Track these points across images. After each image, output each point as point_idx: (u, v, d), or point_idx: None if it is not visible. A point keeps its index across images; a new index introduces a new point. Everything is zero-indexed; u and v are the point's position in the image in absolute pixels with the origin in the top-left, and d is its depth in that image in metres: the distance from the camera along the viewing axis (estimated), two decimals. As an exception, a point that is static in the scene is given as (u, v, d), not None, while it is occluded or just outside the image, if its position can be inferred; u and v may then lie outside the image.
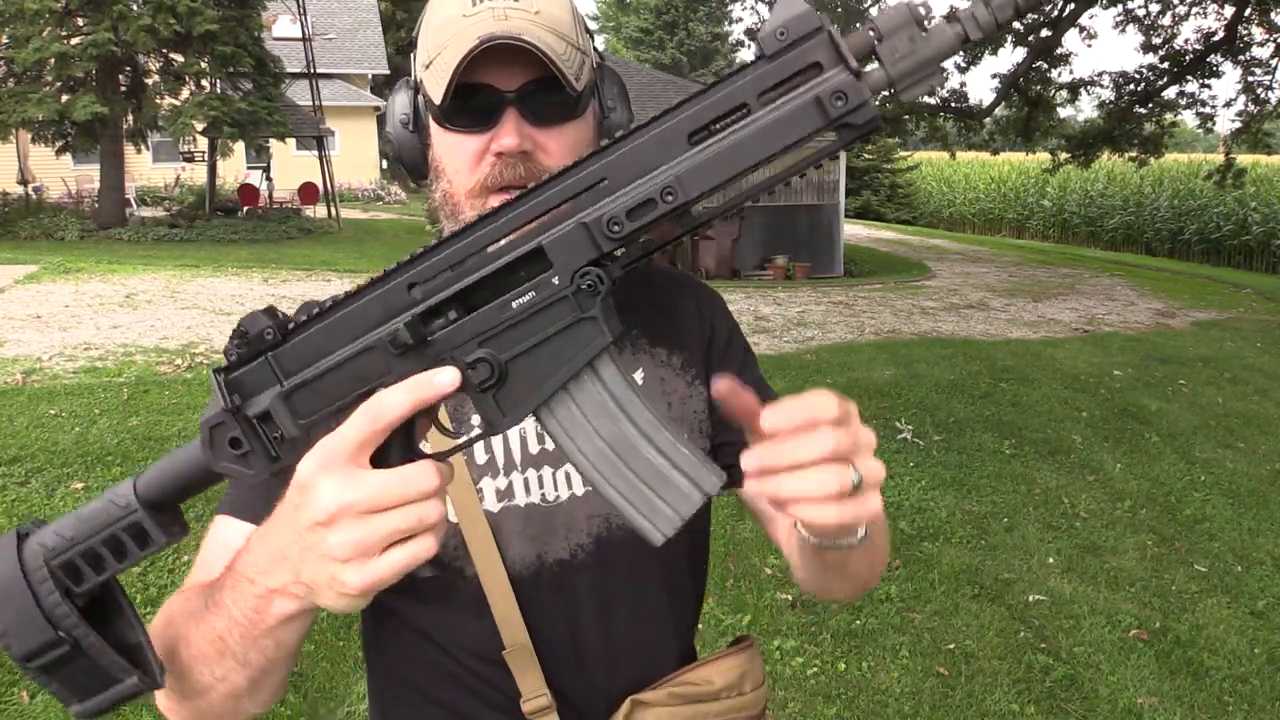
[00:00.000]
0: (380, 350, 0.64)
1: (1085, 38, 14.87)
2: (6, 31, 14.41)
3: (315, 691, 2.98)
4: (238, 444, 0.66)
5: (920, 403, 6.43)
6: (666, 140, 0.59)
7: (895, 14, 0.57)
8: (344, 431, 0.62)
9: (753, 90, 0.58)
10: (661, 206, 0.59)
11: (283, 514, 0.65)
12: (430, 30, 0.88)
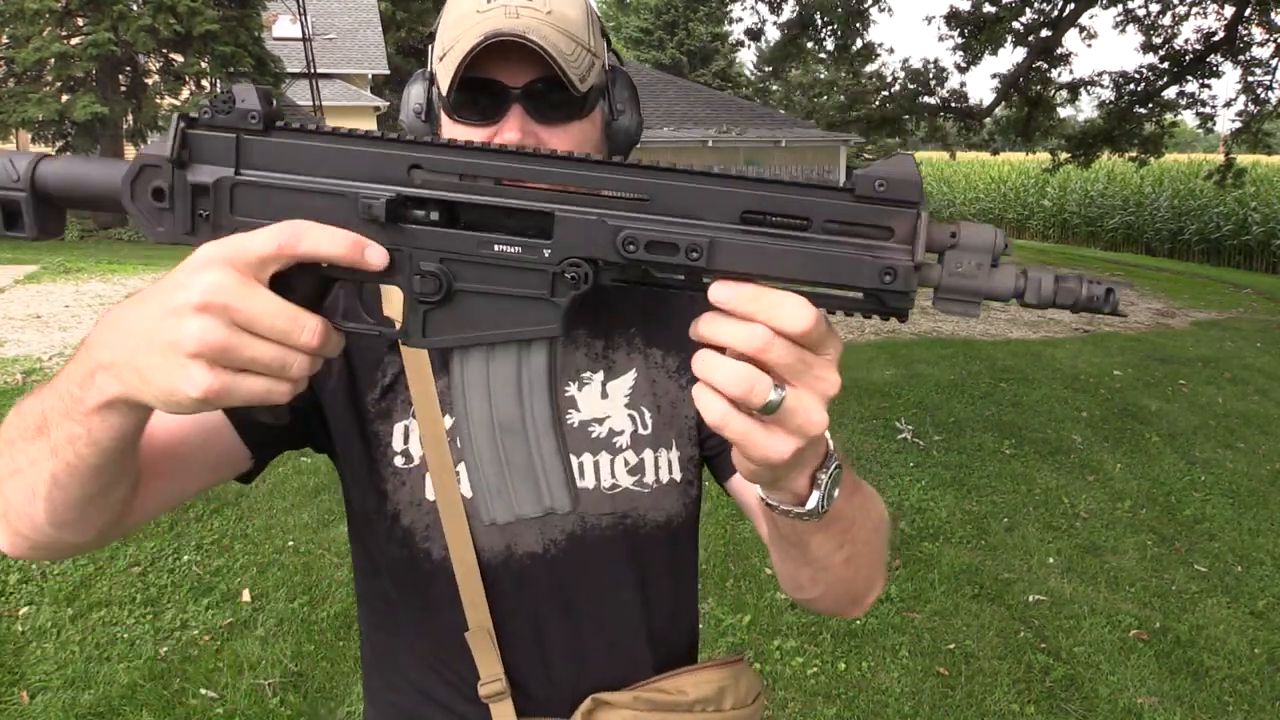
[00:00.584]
0: (348, 204, 0.59)
1: (1085, 38, 14.88)
2: (6, 31, 14.42)
3: (315, 691, 2.98)
4: (161, 195, 0.61)
5: (920, 403, 6.43)
6: (721, 203, 0.56)
7: (981, 235, 0.56)
8: (256, 236, 0.57)
9: (823, 214, 0.56)
10: (680, 259, 0.56)
11: (154, 290, 0.59)
12: (446, 25, 0.89)
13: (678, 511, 0.96)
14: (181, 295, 0.56)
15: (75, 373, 0.64)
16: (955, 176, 29.06)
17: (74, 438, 0.65)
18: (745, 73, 37.06)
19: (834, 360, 0.56)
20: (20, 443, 0.70)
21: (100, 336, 0.62)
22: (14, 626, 3.26)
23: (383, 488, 0.92)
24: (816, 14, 13.50)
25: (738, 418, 0.55)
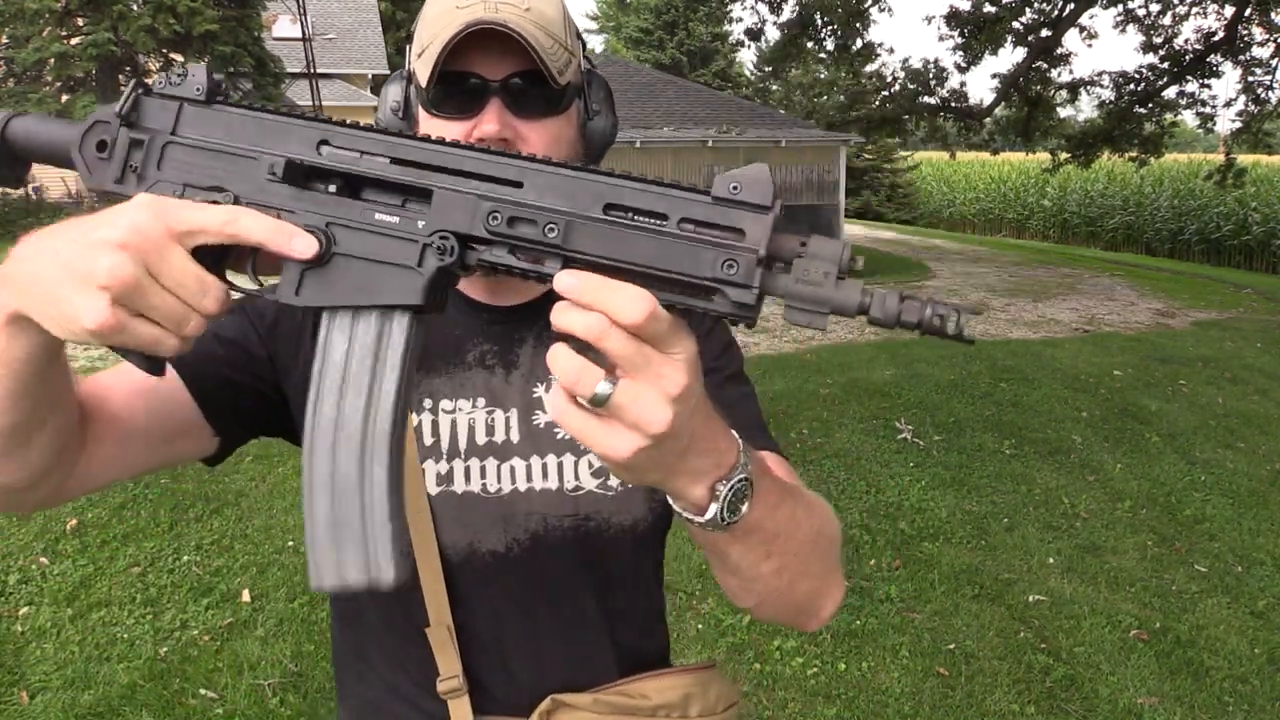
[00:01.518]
0: (259, 165, 0.64)
1: (1085, 38, 14.88)
2: (6, 31, 14.42)
3: (315, 692, 2.98)
4: (103, 147, 0.67)
5: (920, 403, 6.43)
6: (587, 192, 0.59)
7: (829, 247, 0.57)
8: (199, 208, 0.60)
9: (679, 211, 0.57)
10: (539, 234, 0.59)
11: (80, 222, 0.62)
12: (425, 21, 0.90)
13: (643, 516, 0.95)
14: (107, 231, 0.59)
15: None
16: (955, 176, 29.04)
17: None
18: (745, 73, 37.06)
19: (682, 360, 0.55)
20: None
21: (16, 256, 0.63)
22: (14, 626, 3.26)
23: None
24: (816, 14, 13.50)
25: (573, 411, 0.55)
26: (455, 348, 0.96)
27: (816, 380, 7.00)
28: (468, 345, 0.96)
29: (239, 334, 0.92)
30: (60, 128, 0.69)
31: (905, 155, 29.96)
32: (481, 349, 0.96)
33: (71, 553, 3.77)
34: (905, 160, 30.08)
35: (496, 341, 0.96)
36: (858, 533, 4.29)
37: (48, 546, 3.80)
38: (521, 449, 0.94)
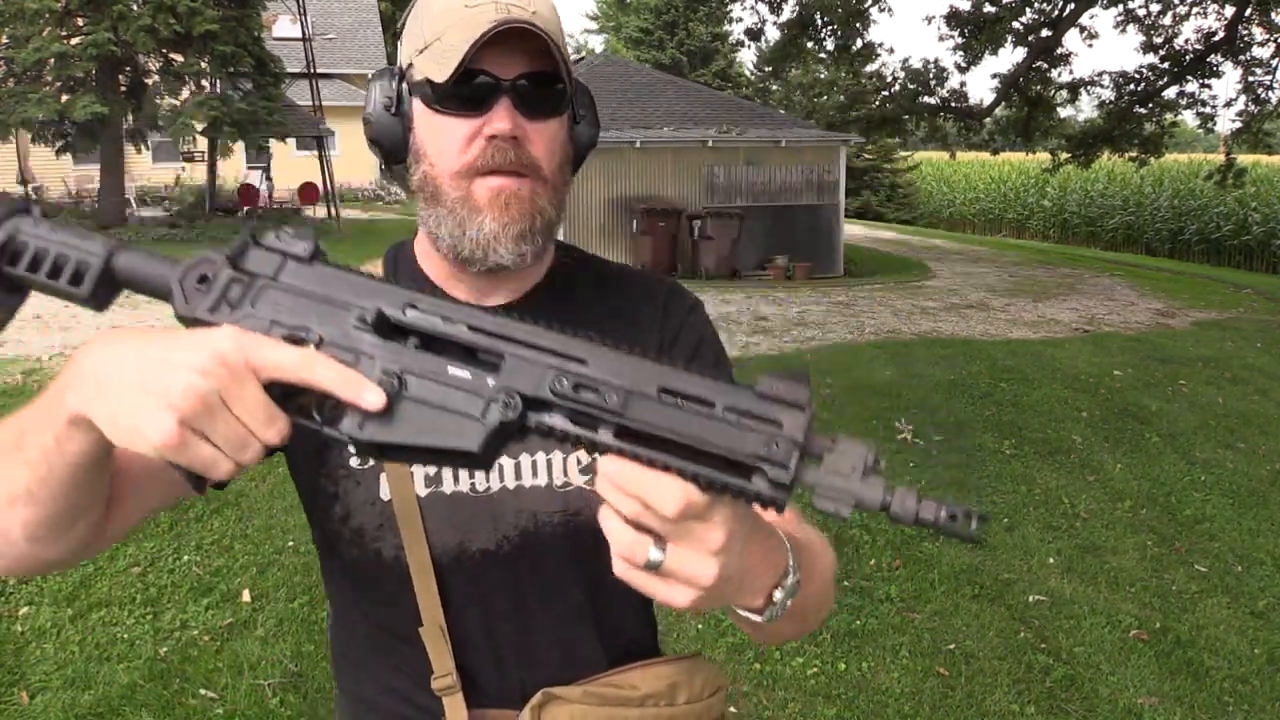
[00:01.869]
0: (349, 314, 0.68)
1: (1085, 38, 14.89)
2: (6, 31, 14.42)
3: (315, 691, 2.98)
4: (204, 280, 0.70)
5: (920, 403, 6.43)
6: (645, 374, 0.65)
7: (856, 449, 0.62)
8: (276, 348, 0.63)
9: (725, 401, 0.63)
10: (600, 401, 0.64)
11: (163, 337, 0.64)
12: (428, 17, 0.90)
13: None
14: (190, 354, 0.61)
15: (55, 388, 0.67)
16: (955, 176, 29.05)
17: (47, 451, 0.68)
18: (745, 73, 37.05)
19: (720, 523, 0.60)
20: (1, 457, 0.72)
21: (89, 358, 0.65)
22: (14, 626, 3.26)
23: (334, 490, 0.94)
24: (816, 14, 13.50)
25: (633, 572, 0.61)
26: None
27: (816, 380, 7.00)
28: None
29: None
30: (163, 266, 0.72)
31: (905, 155, 29.96)
32: None
33: (71, 553, 3.77)
34: (905, 160, 30.08)
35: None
36: (858, 533, 4.29)
37: (48, 546, 3.81)
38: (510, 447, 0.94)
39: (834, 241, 15.39)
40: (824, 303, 11.42)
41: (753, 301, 11.43)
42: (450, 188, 0.90)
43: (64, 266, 0.71)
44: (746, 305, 11.09)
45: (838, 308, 11.03)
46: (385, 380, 0.65)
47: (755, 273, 14.41)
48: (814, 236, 15.10)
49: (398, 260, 1.02)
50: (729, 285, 13.06)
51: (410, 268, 1.01)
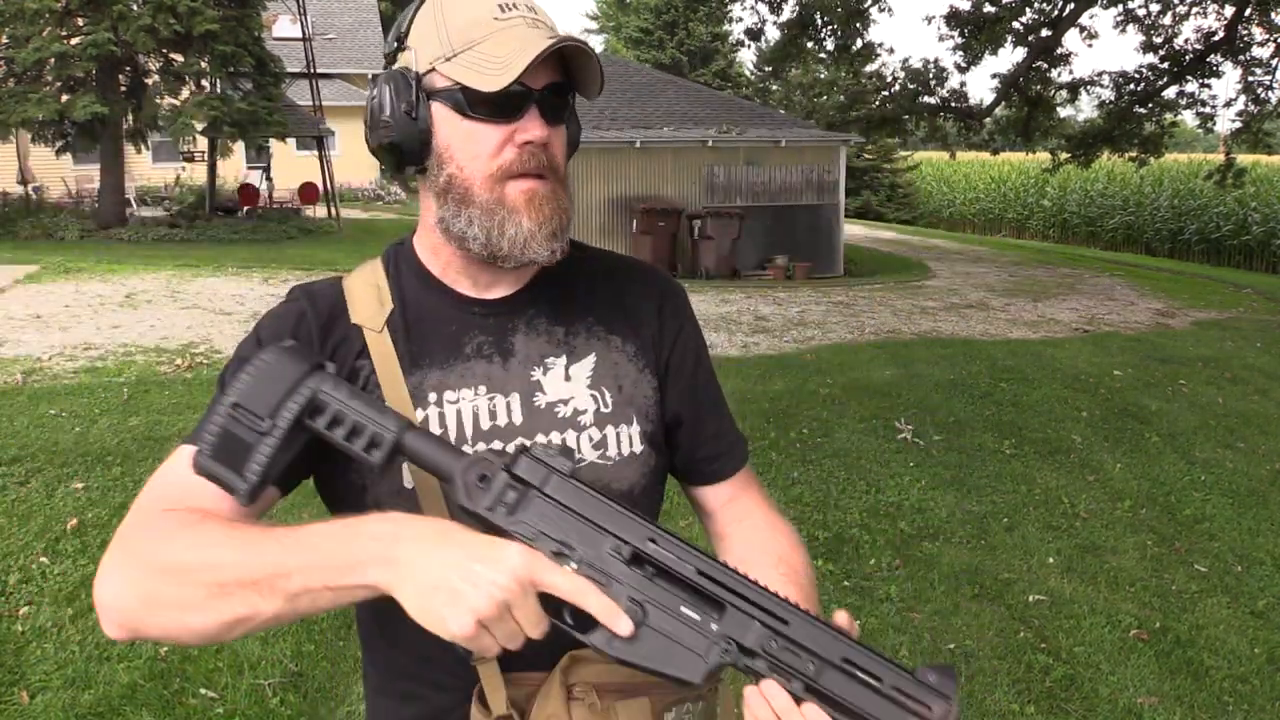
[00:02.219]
0: (605, 540, 0.83)
1: (1085, 38, 14.88)
2: (6, 31, 14.41)
3: (315, 691, 2.98)
4: (484, 479, 0.84)
5: (920, 403, 6.43)
6: (834, 644, 0.82)
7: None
8: (556, 573, 0.79)
9: (893, 682, 0.80)
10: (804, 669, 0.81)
11: (465, 544, 0.79)
12: (453, 26, 0.94)
13: (637, 480, 1.05)
14: (492, 572, 0.77)
15: (343, 553, 0.80)
16: (955, 176, 29.04)
17: (317, 600, 0.81)
18: (745, 73, 37.04)
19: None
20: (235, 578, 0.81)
21: (407, 551, 0.79)
22: (14, 626, 3.26)
23: (363, 483, 0.99)
24: (816, 14, 13.49)
25: None
26: (453, 342, 1.02)
27: (816, 380, 7.00)
28: (464, 339, 1.02)
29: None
30: (447, 454, 0.85)
31: (905, 155, 29.96)
32: (478, 340, 1.02)
33: (72, 552, 3.77)
34: (905, 160, 30.07)
35: (491, 333, 1.03)
36: (857, 532, 4.29)
37: (48, 546, 3.80)
38: (525, 429, 1.01)
39: (834, 241, 15.39)
40: (824, 302, 11.42)
41: (753, 301, 11.43)
42: (482, 190, 0.95)
43: (360, 433, 0.85)
44: (746, 305, 11.09)
45: (838, 307, 11.03)
46: (632, 609, 0.81)
47: (755, 272, 14.41)
48: (814, 236, 15.10)
49: (398, 259, 1.06)
50: (729, 285, 13.06)
51: (412, 264, 1.05)
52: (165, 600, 0.83)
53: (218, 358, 7.18)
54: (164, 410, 5.61)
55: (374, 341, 1.00)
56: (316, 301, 1.02)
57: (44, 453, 4.75)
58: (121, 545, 0.88)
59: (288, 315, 1.02)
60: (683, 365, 1.10)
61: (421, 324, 1.02)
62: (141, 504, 0.92)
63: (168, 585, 0.83)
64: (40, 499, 4.23)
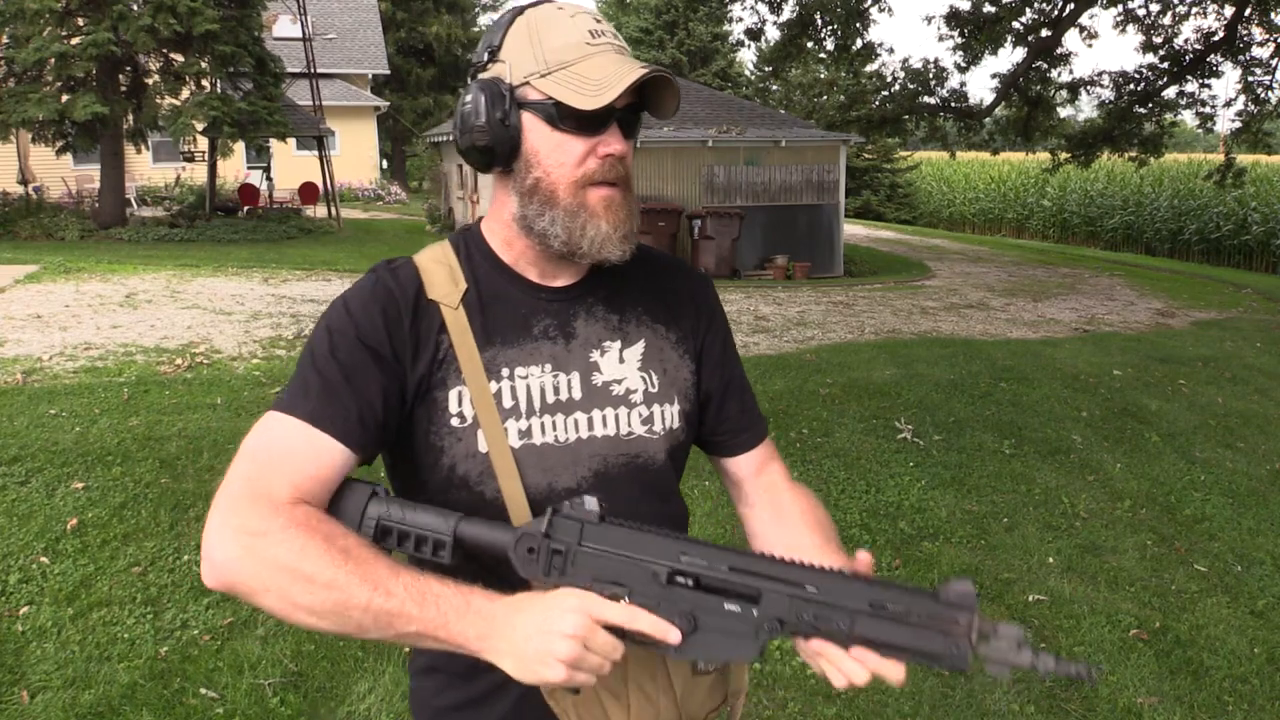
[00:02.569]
0: (641, 570, 0.98)
1: (1085, 38, 14.88)
2: (6, 31, 14.40)
3: (315, 691, 2.98)
4: (532, 551, 0.99)
5: (920, 403, 6.43)
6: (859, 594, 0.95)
7: (1011, 632, 0.92)
8: (609, 608, 0.94)
9: (919, 609, 0.93)
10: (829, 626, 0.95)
11: (536, 609, 0.94)
12: (551, 48, 1.06)
13: (675, 450, 1.22)
14: (560, 624, 0.92)
15: (458, 623, 0.95)
16: (955, 176, 29.03)
17: (419, 641, 0.97)
18: (745, 73, 37.03)
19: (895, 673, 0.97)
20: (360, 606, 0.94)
21: (493, 620, 0.95)
22: (14, 626, 3.26)
23: (440, 445, 1.11)
24: (816, 14, 13.49)
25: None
26: (523, 324, 1.15)
27: (816, 380, 7.00)
28: (533, 321, 1.15)
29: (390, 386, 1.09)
30: (497, 533, 1.01)
31: (905, 155, 29.95)
32: (544, 323, 1.15)
33: (72, 552, 3.77)
34: (905, 160, 30.06)
35: (555, 316, 1.16)
36: (857, 532, 4.30)
37: (48, 546, 3.81)
38: (584, 404, 1.16)
39: (834, 241, 15.39)
40: (824, 302, 11.42)
41: (753, 301, 11.43)
42: (566, 194, 1.09)
43: (425, 543, 1.01)
44: (746, 305, 11.09)
45: (838, 307, 11.02)
46: (683, 621, 0.96)
47: (755, 272, 14.41)
48: (814, 236, 15.10)
49: (468, 244, 1.18)
50: (729, 285, 13.06)
51: (484, 250, 1.18)
52: (285, 594, 0.94)
53: (218, 358, 7.18)
54: (164, 410, 5.61)
55: (451, 318, 1.11)
56: (400, 276, 1.12)
57: (44, 453, 4.75)
58: (237, 515, 0.96)
59: (378, 292, 1.11)
60: (713, 351, 1.26)
61: (495, 305, 1.14)
62: (251, 475, 1.00)
63: (293, 585, 0.94)
64: (40, 499, 4.23)
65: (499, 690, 1.14)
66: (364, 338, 1.07)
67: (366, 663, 3.13)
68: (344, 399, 1.04)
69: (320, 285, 11.44)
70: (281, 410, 1.04)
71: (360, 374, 1.06)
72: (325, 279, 12.01)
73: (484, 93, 1.08)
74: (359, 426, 1.04)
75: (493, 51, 1.10)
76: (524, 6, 1.10)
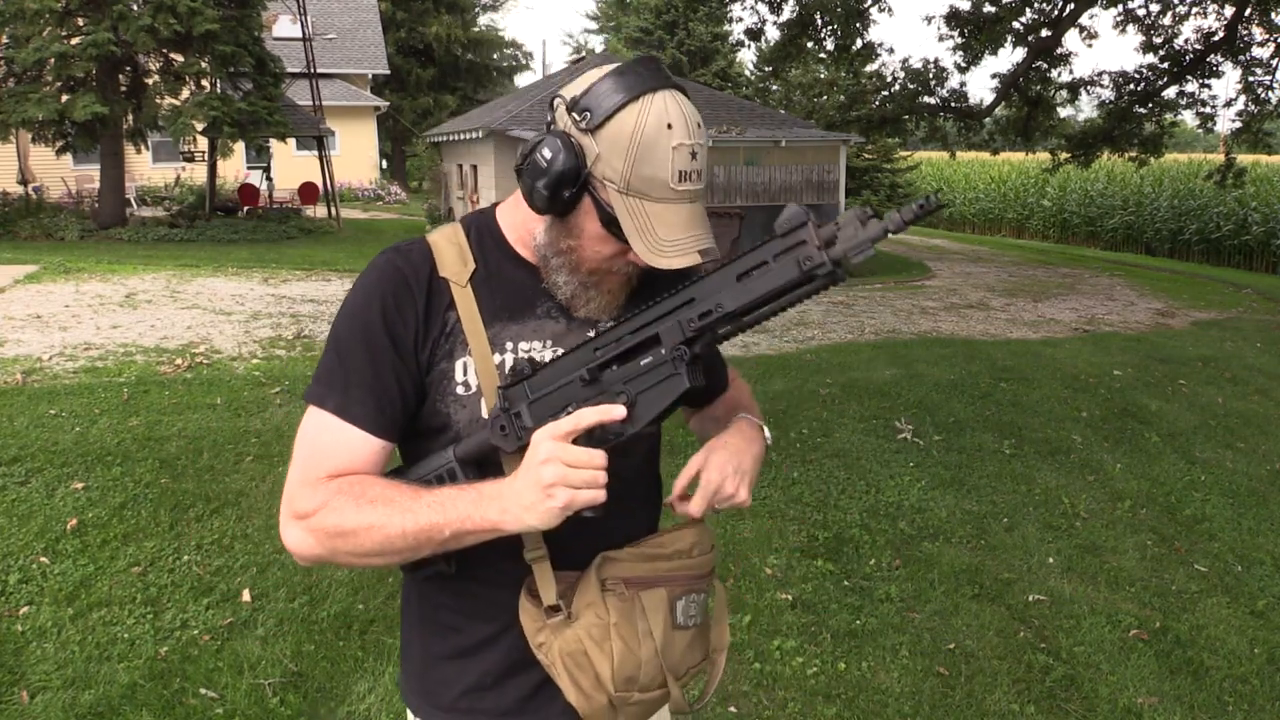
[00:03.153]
0: (575, 382, 1.10)
1: (1085, 38, 14.89)
2: (6, 31, 14.40)
3: (315, 691, 2.98)
4: (503, 429, 1.13)
5: (920, 403, 6.43)
6: (726, 277, 1.04)
7: (850, 215, 0.98)
8: (562, 422, 1.05)
9: (771, 253, 1.01)
10: (716, 313, 1.04)
11: (518, 470, 1.06)
12: (640, 175, 1.08)
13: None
14: (535, 460, 1.04)
15: (476, 511, 1.07)
16: (955, 176, 29.01)
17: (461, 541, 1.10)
18: (745, 73, 37.02)
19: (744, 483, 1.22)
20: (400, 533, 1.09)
21: (500, 498, 1.07)
22: (14, 626, 3.26)
23: (446, 412, 1.20)
24: (816, 14, 13.49)
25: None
26: (527, 303, 1.23)
27: (816, 380, 7.00)
28: (536, 301, 1.23)
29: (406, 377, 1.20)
30: (481, 434, 1.16)
31: (905, 155, 29.93)
32: (547, 305, 1.23)
33: (72, 552, 3.77)
34: (905, 160, 30.06)
35: (554, 299, 1.23)
36: (857, 532, 4.29)
37: (48, 546, 3.80)
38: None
39: (834, 241, 15.38)
40: (824, 303, 11.42)
41: (753, 301, 11.42)
42: (588, 270, 1.18)
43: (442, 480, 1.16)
44: (746, 305, 11.08)
45: (838, 308, 11.02)
46: (621, 397, 1.07)
47: (755, 273, 14.40)
48: (814, 236, 15.09)
49: (480, 228, 1.26)
50: (729, 285, 13.04)
51: (496, 236, 1.26)
52: (346, 550, 1.11)
53: (218, 358, 7.18)
54: (164, 410, 5.61)
55: (459, 295, 1.19)
56: (412, 257, 1.21)
57: (44, 453, 4.75)
58: (290, 505, 1.14)
59: (393, 275, 1.19)
60: None
61: (502, 285, 1.22)
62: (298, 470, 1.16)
63: (347, 543, 1.10)
64: (40, 499, 4.23)
65: (488, 643, 1.26)
66: (383, 323, 1.17)
67: (366, 663, 3.13)
68: (368, 389, 1.16)
69: (320, 285, 11.44)
70: (314, 403, 1.18)
71: (380, 361, 1.17)
72: (325, 279, 12.01)
73: (566, 162, 1.09)
74: (383, 415, 1.17)
75: (591, 120, 1.08)
76: (644, 91, 1.08)
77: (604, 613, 1.19)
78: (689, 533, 1.27)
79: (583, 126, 1.09)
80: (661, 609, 1.21)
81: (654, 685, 1.21)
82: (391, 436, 1.18)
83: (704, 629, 1.30)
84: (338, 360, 1.17)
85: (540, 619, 1.20)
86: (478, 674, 1.27)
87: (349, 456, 1.15)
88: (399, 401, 1.18)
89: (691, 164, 1.09)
